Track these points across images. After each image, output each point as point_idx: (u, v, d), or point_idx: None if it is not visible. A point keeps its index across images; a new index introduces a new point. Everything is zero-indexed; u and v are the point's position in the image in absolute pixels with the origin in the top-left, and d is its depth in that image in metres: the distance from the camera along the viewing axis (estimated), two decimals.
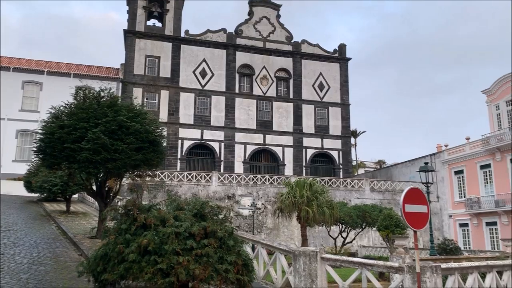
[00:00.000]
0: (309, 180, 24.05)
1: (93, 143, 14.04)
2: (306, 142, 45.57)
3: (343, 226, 27.15)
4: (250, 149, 43.79)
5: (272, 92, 45.92)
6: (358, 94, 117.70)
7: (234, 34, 46.14)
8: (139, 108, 16.97)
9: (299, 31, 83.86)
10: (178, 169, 39.55)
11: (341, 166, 46.16)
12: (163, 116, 40.99)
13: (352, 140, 57.91)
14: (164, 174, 34.25)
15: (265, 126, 44.82)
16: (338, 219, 24.94)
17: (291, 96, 46.37)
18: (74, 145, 14.21)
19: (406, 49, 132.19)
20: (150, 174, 17.78)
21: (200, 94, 43.51)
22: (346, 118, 47.54)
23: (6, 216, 20.18)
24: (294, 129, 45.52)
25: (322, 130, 46.48)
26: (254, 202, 33.99)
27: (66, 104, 15.80)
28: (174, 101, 42.50)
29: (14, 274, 10.17)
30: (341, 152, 46.57)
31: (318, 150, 45.85)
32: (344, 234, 27.49)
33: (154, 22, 45.05)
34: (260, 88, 45.60)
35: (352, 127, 53.73)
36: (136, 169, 16.33)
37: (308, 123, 46.17)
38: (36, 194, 27.49)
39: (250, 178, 36.47)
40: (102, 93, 16.04)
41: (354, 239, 29.06)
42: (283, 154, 44.64)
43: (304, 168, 44.73)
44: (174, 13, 44.56)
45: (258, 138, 44.30)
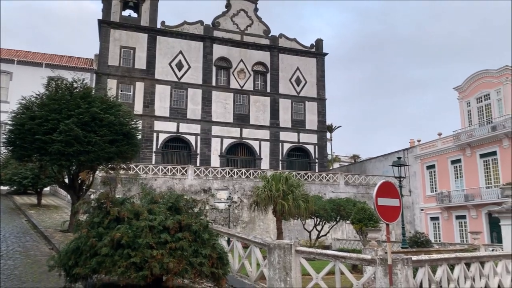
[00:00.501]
0: (285, 174, 24.20)
1: (65, 135, 13.72)
2: (283, 136, 45.79)
3: (318, 219, 27.47)
4: (226, 142, 43.69)
5: (249, 85, 45.86)
6: (334, 89, 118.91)
7: (211, 26, 45.78)
8: (113, 99, 16.69)
9: (277, 25, 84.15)
10: (153, 162, 39.13)
11: (316, 160, 46.62)
12: (138, 108, 40.40)
13: (327, 134, 58.51)
14: (138, 167, 33.83)
15: (242, 119, 44.77)
16: (313, 213, 25.22)
17: (268, 90, 46.42)
18: (46, 136, 13.86)
19: (383, 45, 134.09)
20: (124, 167, 17.54)
21: (176, 87, 43.06)
22: (322, 113, 47.96)
23: None
24: (271, 123, 45.64)
25: (298, 125, 46.77)
26: (230, 196, 33.98)
27: (37, 94, 15.40)
28: (150, 93, 41.94)
29: None
30: (317, 146, 47.00)
31: (294, 144, 46.15)
32: (318, 227, 27.82)
33: (129, 12, 44.30)
34: (237, 81, 45.47)
35: (328, 122, 54.21)
36: (110, 162, 16.06)
37: (284, 117, 46.36)
38: (5, 187, 26.76)
39: (226, 171, 36.42)
40: (75, 84, 15.68)
41: (328, 232, 29.46)
42: (260, 148, 44.74)
43: (280, 162, 44.96)
44: (150, 3, 43.85)
45: (235, 131, 44.24)
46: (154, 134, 41.34)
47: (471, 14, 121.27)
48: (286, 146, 45.77)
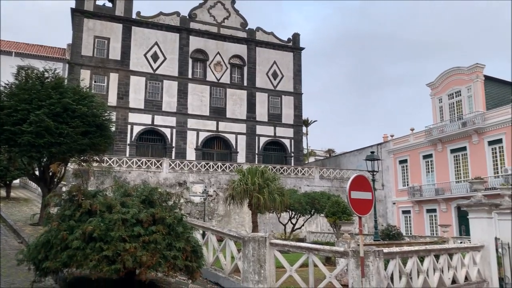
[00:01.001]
0: (261, 167, 24.25)
1: (35, 126, 13.37)
2: (259, 130, 45.85)
3: (293, 212, 27.68)
4: (202, 135, 43.45)
5: (226, 78, 45.65)
6: (311, 83, 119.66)
7: (187, 18, 45.26)
8: (86, 90, 16.32)
9: (254, 18, 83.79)
10: (127, 155, 38.56)
11: (292, 154, 46.93)
12: (112, 100, 39.67)
13: (303, 129, 58.93)
14: (112, 159, 33.28)
15: (218, 113, 44.57)
16: (288, 206, 25.39)
17: (245, 83, 46.33)
18: (15, 127, 13.47)
19: (361, 41, 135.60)
20: (97, 159, 17.24)
21: (151, 78, 42.46)
22: (298, 107, 48.23)
23: None
24: (248, 116, 45.61)
25: (275, 119, 46.91)
26: (205, 189, 33.86)
27: (6, 84, 14.93)
28: (124, 84, 41.23)
29: None
30: (293, 140, 47.30)
31: (270, 138, 46.31)
32: (293, 221, 28.05)
33: (104, 1, 43.30)
34: (213, 74, 45.18)
35: (304, 116, 54.62)
36: (82, 154, 15.75)
37: (261, 111, 46.41)
38: None
39: (202, 165, 36.24)
40: (46, 73, 15.27)
41: (303, 225, 29.74)
42: (236, 142, 44.69)
43: (256, 155, 45.05)
44: None
45: (211, 125, 44.02)
46: (128, 126, 40.72)
47: (447, 12, 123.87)
48: (263, 140, 45.89)
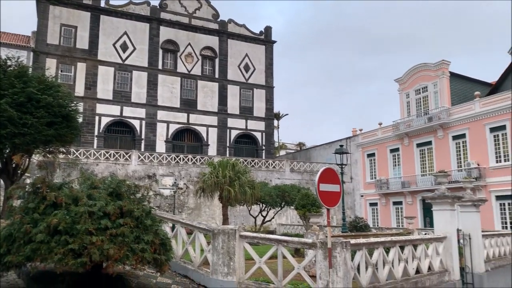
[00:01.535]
0: (232, 160, 24.25)
1: None
2: (231, 122, 45.75)
3: (264, 205, 27.87)
4: (173, 128, 42.97)
5: (197, 70, 45.23)
6: (283, 76, 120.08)
7: (158, 7, 44.49)
8: (52, 80, 15.78)
9: (226, 10, 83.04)
10: (95, 146, 37.74)
11: (263, 148, 47.11)
12: (79, 90, 38.71)
13: (275, 122, 59.22)
14: (79, 151, 32.52)
15: (189, 105, 44.15)
16: (259, 199, 25.54)
17: (217, 75, 46.04)
18: None
19: (334, 35, 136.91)
20: (63, 151, 16.77)
21: (120, 69, 41.58)
22: (270, 101, 48.37)
23: None
24: (219, 109, 45.40)
25: (246, 111, 46.89)
26: (175, 182, 33.58)
27: None
28: (92, 74, 40.22)
29: None
30: (264, 133, 47.45)
31: (242, 131, 46.29)
32: (264, 213, 28.25)
33: None
34: (184, 65, 44.66)
35: (275, 110, 54.87)
36: (47, 145, 15.27)
37: (233, 104, 46.28)
38: None
39: (172, 157, 35.89)
40: (9, 61, 14.66)
41: (273, 218, 30.01)
42: (207, 134, 44.45)
43: (228, 148, 44.97)
44: None
45: (182, 117, 43.58)
46: (96, 118, 39.81)
47: (418, 8, 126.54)
48: (234, 133, 45.82)
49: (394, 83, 38.54)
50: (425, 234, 16.31)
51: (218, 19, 47.35)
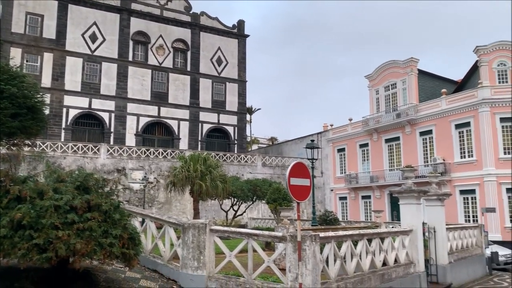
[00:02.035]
0: (203, 154, 24.12)
1: None
2: (203, 116, 45.43)
3: (235, 199, 27.87)
4: (143, 121, 42.31)
5: (168, 63, 44.63)
6: (256, 71, 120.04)
7: None
8: (17, 70, 15.23)
9: (199, 3, 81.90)
10: (63, 139, 36.75)
11: (236, 142, 47.05)
12: (46, 81, 37.50)
13: (247, 116, 59.23)
14: (46, 144, 31.60)
15: (160, 98, 43.56)
16: (231, 193, 25.52)
17: (189, 68, 45.56)
18: None
19: (308, 30, 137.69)
20: (29, 143, 16.22)
21: (89, 60, 40.55)
22: (242, 95, 48.29)
23: None
24: (191, 102, 44.99)
25: (218, 105, 46.66)
26: (146, 176, 33.14)
27: None
28: (59, 65, 39.06)
29: None
30: (236, 128, 47.38)
31: (214, 125, 46.06)
32: (235, 207, 28.25)
33: None
34: (156, 57, 43.98)
35: (248, 104, 54.86)
36: (11, 137, 14.73)
37: (205, 98, 45.95)
38: None
39: (142, 151, 35.35)
40: None
41: (244, 212, 30.07)
42: (179, 128, 44.01)
43: (199, 142, 44.68)
44: None
45: (153, 110, 42.95)
46: (64, 110, 38.74)
47: (391, 5, 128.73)
48: (206, 127, 45.54)
49: (366, 80, 39.19)
50: (392, 227, 16.72)
51: (191, 12, 46.81)
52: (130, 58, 42.63)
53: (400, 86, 35.81)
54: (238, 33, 49.15)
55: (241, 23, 49.60)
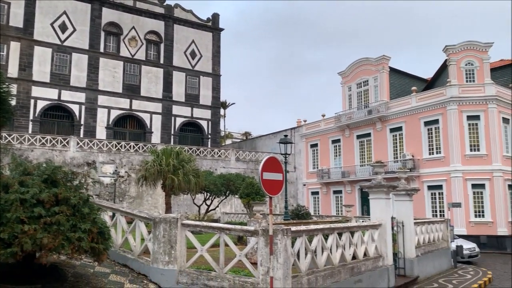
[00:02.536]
0: (176, 148, 23.87)
1: None
2: (176, 110, 44.95)
3: (208, 194, 27.77)
4: (114, 114, 41.51)
5: (141, 55, 43.88)
6: (231, 65, 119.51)
7: None
8: None
9: None
10: (30, 131, 35.68)
11: (209, 136, 46.81)
12: (13, 71, 36.31)
13: (221, 111, 59.00)
14: (12, 136, 30.61)
15: (132, 90, 42.82)
16: (204, 187, 25.37)
17: (162, 61, 44.94)
18: None
19: (284, 25, 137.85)
20: None
21: (58, 50, 39.42)
22: (216, 89, 48.02)
23: None
24: (164, 96, 44.43)
25: (192, 99, 46.26)
26: (116, 170, 32.58)
27: None
28: (27, 55, 37.81)
29: None
30: (210, 122, 47.12)
31: (187, 119, 45.66)
32: (208, 202, 28.15)
33: None
34: (128, 49, 43.16)
35: (222, 98, 54.64)
36: None
37: (178, 91, 45.46)
38: None
39: (113, 144, 34.71)
40: None
41: (217, 207, 30.02)
42: (151, 121, 43.41)
43: (172, 136, 44.22)
44: None
45: (124, 102, 42.20)
46: (32, 101, 37.58)
47: (367, 4, 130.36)
48: (179, 121, 45.09)
49: (339, 76, 39.61)
50: (362, 221, 17.03)
51: (164, 3, 46.13)
52: (102, 50, 41.68)
53: (372, 83, 36.39)
54: (212, 26, 48.77)
55: (215, 17, 49.23)
